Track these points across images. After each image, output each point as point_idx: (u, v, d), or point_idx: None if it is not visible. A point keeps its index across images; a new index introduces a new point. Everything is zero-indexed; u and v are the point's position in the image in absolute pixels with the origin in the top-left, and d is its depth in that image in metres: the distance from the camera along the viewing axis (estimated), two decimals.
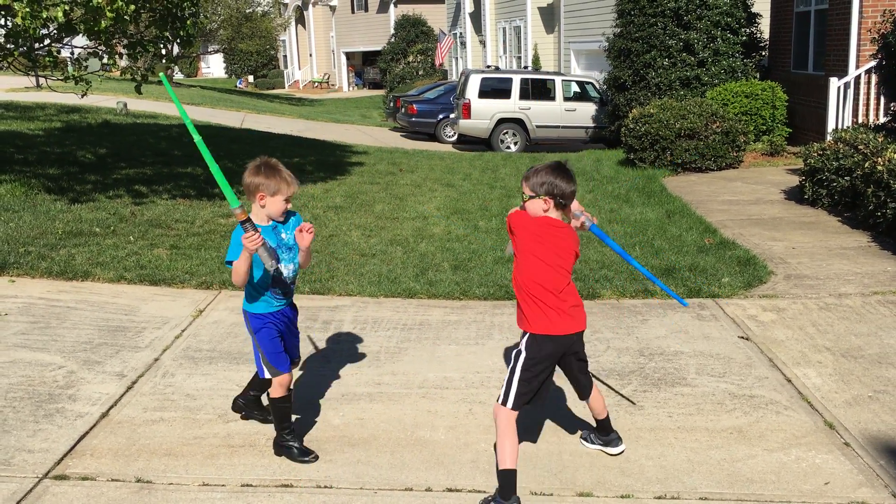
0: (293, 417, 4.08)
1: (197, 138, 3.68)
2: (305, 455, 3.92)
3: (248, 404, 4.30)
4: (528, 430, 4.21)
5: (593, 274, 6.85)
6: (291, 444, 3.93)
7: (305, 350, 5.31)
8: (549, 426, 4.28)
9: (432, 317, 5.96)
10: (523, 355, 3.57)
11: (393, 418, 4.35)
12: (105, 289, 6.43)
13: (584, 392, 3.87)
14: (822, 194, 9.35)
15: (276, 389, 3.92)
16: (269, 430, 4.19)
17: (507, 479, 3.45)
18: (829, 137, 10.61)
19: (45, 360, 5.01)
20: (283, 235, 3.88)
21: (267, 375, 3.91)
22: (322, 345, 5.41)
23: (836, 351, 5.23)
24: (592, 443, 4.04)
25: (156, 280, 6.58)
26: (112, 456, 3.92)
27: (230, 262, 3.71)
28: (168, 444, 4.04)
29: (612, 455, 3.95)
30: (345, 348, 5.35)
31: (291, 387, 3.98)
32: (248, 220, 3.59)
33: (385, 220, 9.13)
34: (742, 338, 5.50)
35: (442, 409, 4.45)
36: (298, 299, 6.30)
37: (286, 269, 3.87)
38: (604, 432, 3.99)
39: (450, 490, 3.67)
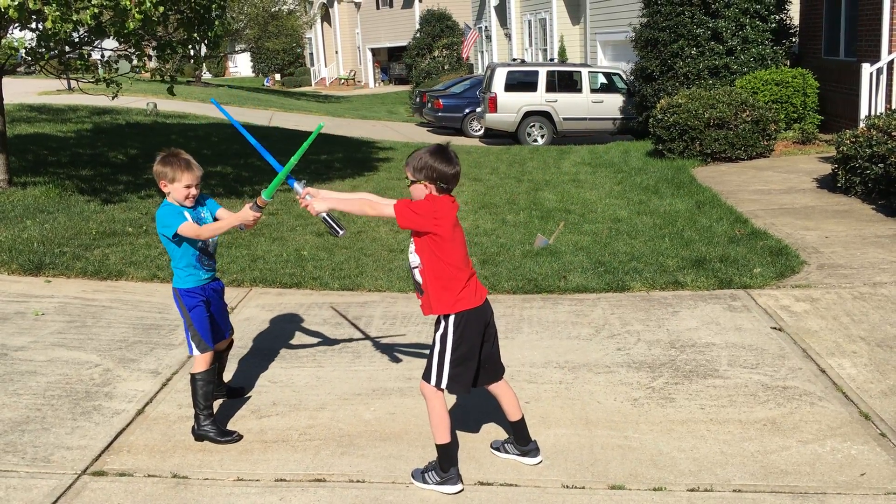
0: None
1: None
2: (225, 436, 4.07)
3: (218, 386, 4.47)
4: (558, 423, 4.21)
5: (622, 266, 6.81)
6: (209, 431, 4.06)
7: (336, 345, 5.36)
8: (580, 418, 4.27)
9: None
10: (451, 336, 3.53)
11: (423, 413, 4.33)
12: (139, 288, 6.53)
13: (497, 375, 3.76)
14: (855, 182, 9.21)
15: (200, 364, 4.07)
16: (302, 426, 4.23)
17: (447, 451, 3.59)
18: (861, 124, 10.43)
19: (82, 358, 5.10)
20: (203, 214, 4.13)
21: (196, 352, 4.07)
22: (352, 340, 5.45)
23: (872, 341, 5.16)
24: (507, 452, 3.87)
25: None
26: (148, 452, 3.98)
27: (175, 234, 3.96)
28: (202, 441, 4.09)
29: (531, 466, 3.79)
30: (375, 344, 5.38)
31: (213, 364, 4.18)
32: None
33: None
34: (775, 328, 5.44)
35: (472, 403, 4.46)
36: (328, 295, 6.38)
37: (211, 241, 4.13)
38: (522, 442, 3.80)
39: (481, 483, 3.68)
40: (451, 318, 3.54)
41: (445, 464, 3.61)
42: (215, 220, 4.15)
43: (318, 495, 3.61)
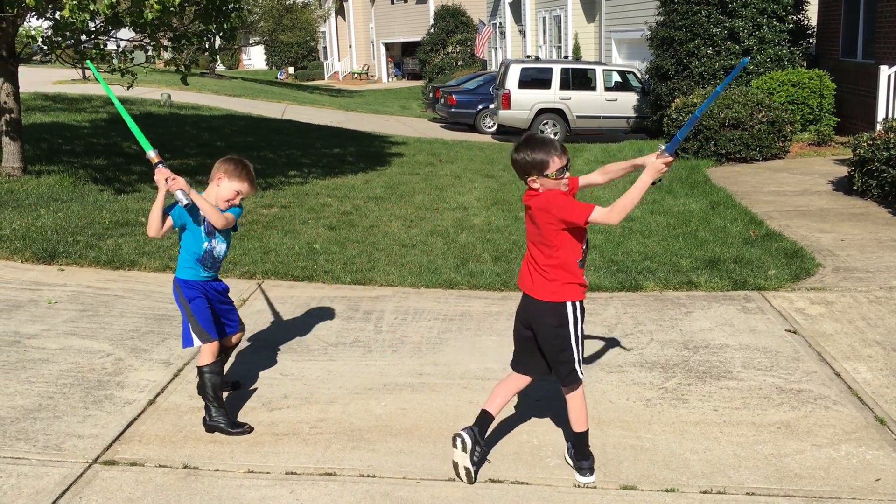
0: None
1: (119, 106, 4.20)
2: (236, 427, 4.08)
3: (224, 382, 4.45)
4: (567, 423, 4.19)
5: (636, 266, 6.78)
6: (220, 422, 4.06)
7: (347, 340, 5.35)
8: (592, 417, 4.24)
9: (473, 308, 5.95)
10: (573, 322, 3.55)
11: (435, 409, 4.35)
12: (151, 278, 6.53)
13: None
14: (871, 185, 9.14)
15: (206, 356, 4.07)
16: (313, 419, 4.23)
17: (583, 441, 3.68)
18: (879, 127, 10.36)
19: (94, 347, 5.11)
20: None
21: (196, 343, 4.07)
22: (364, 335, 5.44)
23: (887, 345, 5.11)
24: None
25: None
26: (159, 442, 3.98)
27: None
28: (213, 432, 4.09)
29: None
30: (386, 338, 5.36)
31: (220, 355, 4.17)
32: (161, 160, 3.97)
33: (425, 210, 9.13)
34: (789, 331, 5.40)
35: (483, 400, 4.42)
36: (339, 289, 6.37)
37: (218, 247, 4.14)
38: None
39: (492, 481, 3.66)
40: (570, 307, 3.56)
41: (587, 450, 3.68)
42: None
43: (328, 489, 3.60)
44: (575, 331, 3.56)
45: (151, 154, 3.97)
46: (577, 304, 3.58)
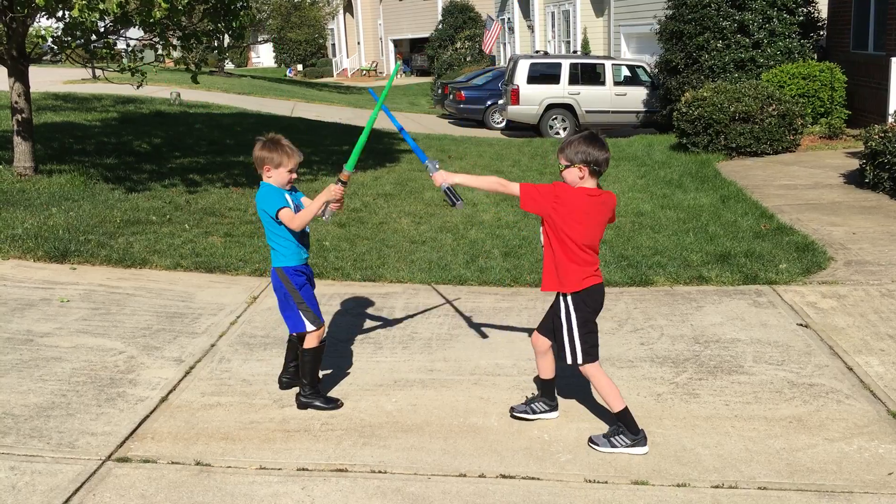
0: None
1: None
2: (329, 403, 4.31)
3: (294, 378, 4.53)
4: (579, 417, 4.19)
5: (646, 261, 6.76)
6: (314, 400, 4.29)
7: (358, 336, 5.36)
8: (602, 412, 4.24)
9: (483, 303, 5.95)
10: (574, 315, 3.81)
11: (445, 404, 4.36)
12: (162, 276, 6.56)
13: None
14: (883, 178, 9.09)
15: (313, 340, 4.27)
16: (324, 416, 4.24)
17: (626, 416, 3.85)
18: (890, 119, 10.31)
19: (107, 345, 5.14)
20: (302, 200, 4.34)
21: (310, 328, 4.24)
22: (374, 331, 5.45)
23: None
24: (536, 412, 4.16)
25: (211, 267, 6.70)
26: (172, 439, 4.00)
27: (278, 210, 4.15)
28: (225, 429, 4.11)
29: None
30: (396, 335, 5.37)
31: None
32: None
33: (434, 207, 9.13)
34: (801, 325, 5.38)
35: (494, 395, 4.44)
36: (350, 286, 6.38)
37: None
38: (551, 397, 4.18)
39: (503, 476, 3.66)
40: (570, 299, 3.81)
41: (633, 426, 3.81)
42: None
43: (339, 485, 3.61)
44: None
45: (347, 173, 4.14)
46: None
